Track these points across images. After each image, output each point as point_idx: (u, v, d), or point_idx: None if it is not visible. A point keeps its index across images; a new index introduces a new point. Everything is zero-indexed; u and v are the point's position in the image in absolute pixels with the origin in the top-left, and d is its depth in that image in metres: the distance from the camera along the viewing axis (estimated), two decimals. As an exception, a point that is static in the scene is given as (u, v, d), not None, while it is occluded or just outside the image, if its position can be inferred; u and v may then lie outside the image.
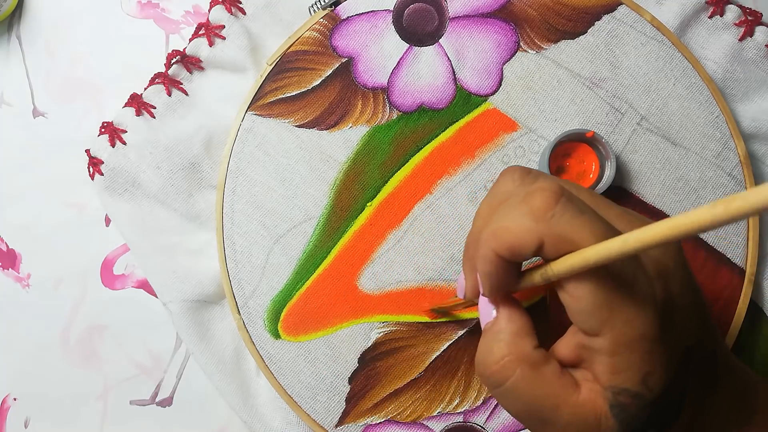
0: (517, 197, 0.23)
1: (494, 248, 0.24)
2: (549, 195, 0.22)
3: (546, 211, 0.22)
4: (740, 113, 0.38)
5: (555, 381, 0.24)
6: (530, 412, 0.24)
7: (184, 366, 0.40)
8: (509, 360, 0.24)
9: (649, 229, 0.19)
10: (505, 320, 0.25)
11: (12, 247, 0.41)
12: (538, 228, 0.22)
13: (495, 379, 0.25)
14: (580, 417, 0.24)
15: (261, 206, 0.37)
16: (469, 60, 0.38)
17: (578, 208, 0.22)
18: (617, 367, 0.23)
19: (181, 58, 0.39)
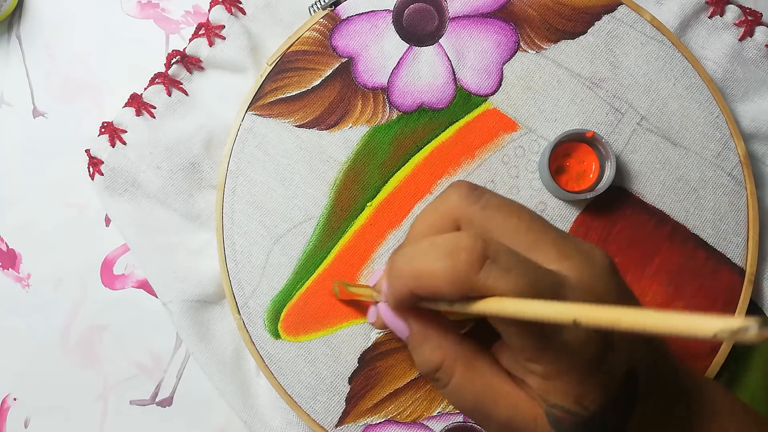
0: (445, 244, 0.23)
1: (412, 289, 0.24)
2: (473, 256, 0.22)
3: (471, 275, 0.22)
4: (740, 113, 0.38)
5: (492, 376, 0.25)
6: (475, 407, 0.25)
7: (184, 366, 0.40)
8: (447, 362, 0.25)
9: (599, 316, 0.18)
10: (420, 330, 0.26)
11: (12, 247, 0.41)
12: (464, 289, 0.22)
13: (441, 382, 0.26)
14: (518, 415, 0.24)
15: (261, 206, 0.37)
16: (469, 60, 0.38)
17: (504, 267, 0.22)
18: (550, 389, 0.24)
19: (181, 58, 0.39)
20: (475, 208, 0.25)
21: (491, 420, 0.25)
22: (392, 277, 0.25)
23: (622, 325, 0.18)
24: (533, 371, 0.24)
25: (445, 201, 0.26)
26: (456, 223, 0.26)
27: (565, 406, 0.23)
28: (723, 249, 0.37)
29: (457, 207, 0.25)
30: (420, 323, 0.26)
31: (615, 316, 0.18)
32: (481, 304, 0.22)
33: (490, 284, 0.22)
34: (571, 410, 0.23)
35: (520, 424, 0.25)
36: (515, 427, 0.25)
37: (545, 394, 0.24)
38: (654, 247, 0.37)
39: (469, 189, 0.26)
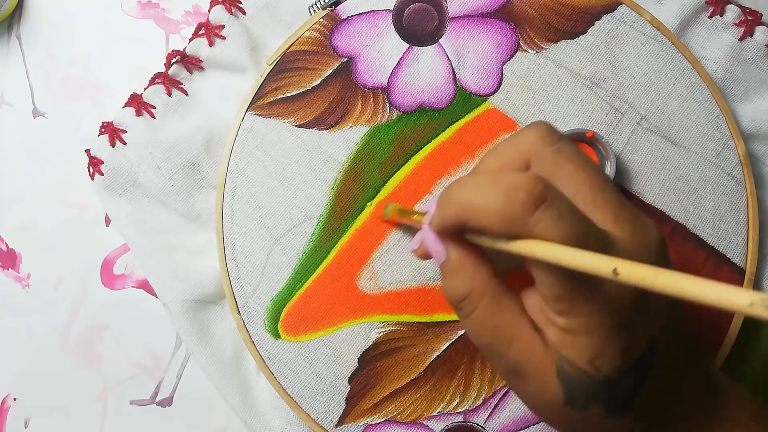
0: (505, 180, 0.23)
1: (461, 218, 0.24)
2: (528, 200, 0.22)
3: (522, 216, 0.22)
4: (740, 113, 0.38)
5: (515, 316, 0.25)
6: (489, 341, 0.25)
7: (184, 366, 0.40)
8: (474, 293, 0.25)
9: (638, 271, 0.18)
10: (457, 258, 0.26)
11: (12, 247, 0.41)
12: (512, 228, 0.22)
13: (465, 311, 0.26)
14: (531, 360, 0.24)
15: (261, 206, 0.37)
16: (469, 60, 0.38)
17: (558, 214, 0.22)
18: (569, 344, 0.23)
19: (181, 58, 0.39)
20: (549, 151, 0.25)
21: (503, 359, 0.25)
22: (445, 202, 0.25)
23: (659, 283, 0.17)
24: (556, 323, 0.24)
25: (521, 139, 0.26)
26: (527, 161, 0.25)
27: (577, 364, 0.23)
28: (723, 249, 0.37)
29: (531, 146, 0.25)
30: (459, 251, 0.26)
31: (654, 273, 0.18)
32: (526, 245, 0.22)
33: (540, 228, 0.22)
34: (583, 368, 0.23)
35: (530, 369, 0.25)
36: (524, 372, 0.25)
37: (562, 347, 0.24)
38: (654, 247, 0.37)
39: (548, 130, 0.26)
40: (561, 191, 0.23)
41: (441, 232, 0.26)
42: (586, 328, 0.23)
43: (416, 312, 0.37)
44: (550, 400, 0.25)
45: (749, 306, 0.15)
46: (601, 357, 0.23)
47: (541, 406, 0.26)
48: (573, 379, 0.24)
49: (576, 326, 0.23)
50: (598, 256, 0.20)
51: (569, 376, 0.24)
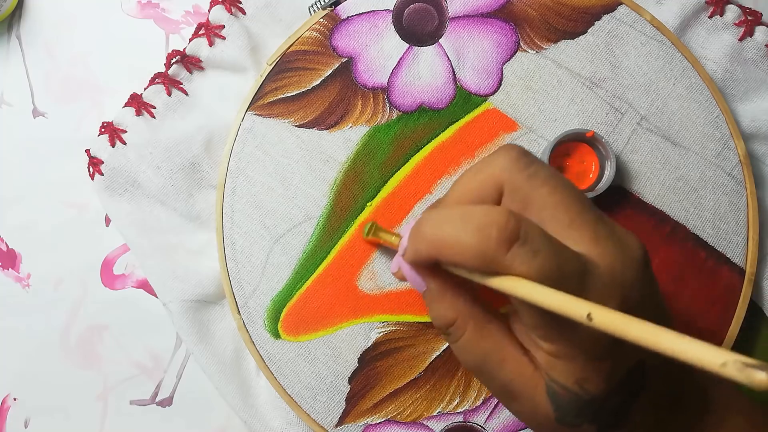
0: (478, 216, 0.23)
1: (433, 255, 0.24)
2: (502, 238, 0.22)
3: (497, 254, 0.22)
4: (740, 113, 0.38)
5: (501, 338, 0.25)
6: (479, 365, 0.26)
7: (184, 366, 0.40)
8: (459, 321, 0.26)
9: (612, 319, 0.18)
10: (437, 288, 0.26)
11: (12, 247, 0.41)
12: (486, 263, 0.22)
13: (452, 337, 0.26)
14: (520, 380, 0.25)
15: (261, 206, 0.37)
16: (469, 60, 0.38)
17: (532, 249, 0.22)
18: (555, 366, 0.24)
19: (181, 58, 0.39)
20: (522, 176, 0.24)
21: (494, 380, 0.26)
22: (416, 239, 0.25)
23: (631, 335, 0.18)
24: (541, 347, 0.24)
25: (491, 163, 0.25)
26: (499, 188, 0.25)
27: (566, 385, 0.24)
28: (723, 249, 0.37)
29: (503, 171, 0.25)
30: (437, 281, 0.26)
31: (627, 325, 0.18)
32: (501, 281, 0.22)
33: (516, 265, 0.22)
34: (571, 389, 0.23)
35: (521, 389, 0.25)
36: (515, 391, 0.25)
37: (549, 369, 0.24)
38: (654, 247, 0.37)
39: (520, 153, 0.25)
40: (534, 223, 0.23)
41: (416, 265, 0.26)
42: (569, 354, 0.23)
43: (416, 312, 0.37)
44: (543, 418, 0.25)
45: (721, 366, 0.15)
46: (587, 380, 0.23)
47: (535, 424, 0.26)
48: (562, 398, 0.24)
49: (559, 351, 0.23)
50: (573, 300, 0.20)
51: (558, 395, 0.24)
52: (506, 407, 0.27)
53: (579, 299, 0.20)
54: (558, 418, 0.24)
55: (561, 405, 0.24)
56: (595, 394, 0.23)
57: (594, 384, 0.23)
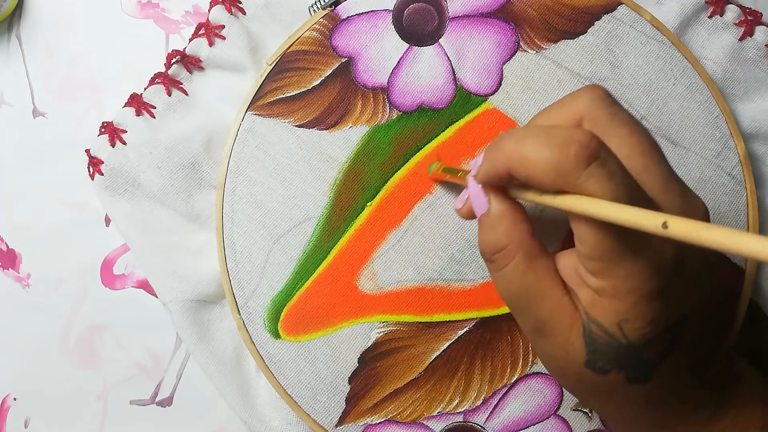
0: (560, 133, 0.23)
1: (510, 168, 0.24)
2: (582, 155, 0.22)
3: (574, 170, 0.22)
4: (740, 113, 0.38)
5: (546, 274, 0.25)
6: (519, 297, 0.25)
7: (184, 366, 0.40)
8: (510, 248, 0.25)
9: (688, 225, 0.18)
10: (498, 211, 0.26)
11: (12, 247, 0.41)
12: (561, 181, 0.22)
13: (497, 264, 0.26)
14: (558, 317, 0.24)
15: (261, 206, 0.37)
16: (469, 60, 0.38)
17: (608, 174, 0.22)
18: (599, 305, 0.23)
19: (181, 58, 0.39)
20: (605, 113, 0.25)
21: (530, 316, 0.25)
22: (494, 151, 0.25)
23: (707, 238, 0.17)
24: (589, 284, 0.24)
25: (576, 98, 0.26)
26: (580, 122, 0.25)
27: (604, 325, 0.23)
28: (723, 249, 0.37)
29: (586, 107, 0.25)
30: (501, 204, 0.26)
31: (702, 227, 0.17)
32: (572, 200, 0.22)
33: (589, 184, 0.22)
34: (609, 331, 0.23)
35: (556, 327, 0.25)
36: (549, 329, 0.25)
37: (591, 308, 0.24)
38: (654, 247, 0.37)
39: (604, 93, 0.25)
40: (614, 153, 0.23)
41: (486, 182, 0.26)
42: (619, 291, 0.23)
43: (416, 312, 0.37)
44: (571, 361, 0.25)
45: None
46: (629, 322, 0.23)
47: (560, 367, 0.26)
48: (598, 340, 0.24)
49: (609, 288, 0.23)
50: (648, 211, 0.19)
51: (594, 337, 0.24)
52: (535, 347, 0.26)
53: (653, 211, 0.19)
54: (588, 362, 0.24)
55: (595, 348, 0.24)
56: (633, 340, 0.23)
57: (634, 328, 0.23)
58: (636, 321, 0.23)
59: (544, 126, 0.24)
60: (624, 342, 0.23)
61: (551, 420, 0.37)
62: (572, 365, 0.25)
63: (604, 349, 0.24)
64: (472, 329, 0.37)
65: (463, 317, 0.37)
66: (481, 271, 0.37)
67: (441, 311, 0.37)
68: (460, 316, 0.37)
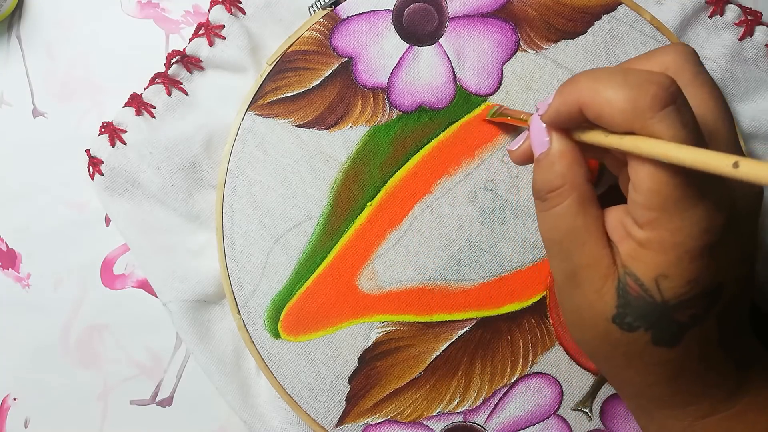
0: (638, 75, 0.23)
1: (582, 104, 0.23)
2: (660, 96, 0.22)
3: (649, 110, 0.22)
4: (740, 113, 0.38)
5: (594, 222, 0.25)
6: (562, 239, 0.25)
7: (184, 366, 0.40)
8: (565, 188, 0.25)
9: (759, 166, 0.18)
10: (559, 149, 0.26)
11: (12, 247, 0.41)
12: (634, 120, 0.22)
13: (549, 203, 0.26)
14: (595, 266, 0.24)
15: (261, 206, 0.37)
16: (469, 60, 0.38)
17: (682, 121, 0.22)
18: (640, 256, 0.23)
19: (181, 58, 0.39)
20: (691, 71, 0.25)
21: (566, 261, 0.25)
22: (568, 88, 0.24)
23: None
24: (634, 236, 0.23)
25: (665, 51, 0.26)
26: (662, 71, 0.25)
27: (641, 279, 0.23)
28: (723, 249, 0.37)
29: (673, 60, 0.25)
30: (563, 143, 0.26)
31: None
32: (641, 141, 0.22)
33: (661, 127, 0.22)
34: (645, 285, 0.23)
35: (590, 275, 0.24)
36: (583, 277, 0.25)
37: (631, 261, 0.23)
38: (654, 247, 0.37)
39: (694, 53, 0.26)
40: None
41: (553, 120, 0.25)
42: (665, 244, 0.22)
43: (416, 312, 0.37)
44: (598, 314, 0.24)
45: None
46: (667, 278, 0.23)
47: (585, 320, 0.25)
48: (631, 294, 0.23)
49: (655, 240, 0.23)
50: (718, 153, 0.19)
51: (628, 290, 0.23)
52: (561, 296, 0.26)
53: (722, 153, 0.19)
54: (617, 315, 0.24)
55: (627, 301, 0.23)
56: (667, 298, 0.23)
57: (672, 286, 0.23)
58: (675, 278, 0.23)
59: (622, 67, 0.24)
60: (658, 299, 0.23)
61: (551, 420, 0.37)
62: (598, 319, 0.24)
63: (636, 303, 0.23)
64: (472, 329, 0.37)
65: (463, 317, 0.37)
66: (481, 271, 0.37)
67: (441, 311, 0.37)
68: (460, 316, 0.37)
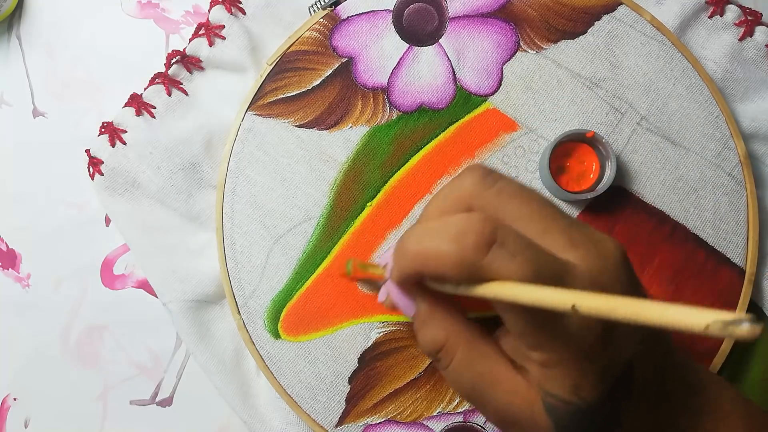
0: (454, 225, 0.23)
1: (417, 268, 0.24)
2: (481, 239, 0.22)
3: (476, 256, 0.22)
4: (740, 113, 0.38)
5: (492, 360, 0.25)
6: (473, 390, 0.25)
7: (184, 366, 0.40)
8: (450, 342, 0.25)
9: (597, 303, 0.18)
10: (426, 309, 0.26)
11: (12, 247, 0.41)
12: (467, 270, 0.22)
13: (443, 363, 0.26)
14: (516, 401, 0.24)
15: (261, 206, 0.37)
16: (469, 60, 0.38)
17: (510, 251, 0.22)
18: (549, 377, 0.24)
19: (181, 58, 0.39)
20: (490, 194, 0.25)
21: (488, 404, 0.25)
22: (399, 255, 0.25)
23: (618, 313, 0.18)
24: (533, 359, 0.24)
25: (458, 185, 0.26)
26: (469, 208, 0.25)
27: (561, 395, 0.23)
28: (723, 249, 0.37)
29: (470, 192, 0.25)
30: (427, 302, 0.26)
31: (612, 305, 0.18)
32: (485, 288, 0.22)
33: (495, 268, 0.22)
34: (567, 399, 0.23)
35: (517, 410, 0.25)
36: (512, 413, 0.25)
37: (543, 382, 0.24)
38: (654, 247, 0.37)
39: (484, 173, 0.25)
40: (510, 227, 0.23)
41: (402, 283, 0.26)
42: (561, 360, 0.23)
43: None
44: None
45: (706, 328, 0.15)
46: (582, 385, 0.23)
47: None
48: (560, 410, 0.24)
49: (550, 359, 0.23)
50: (557, 291, 0.20)
51: (556, 408, 0.24)
52: None
53: (563, 290, 0.20)
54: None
55: (560, 418, 0.24)
56: (590, 400, 0.23)
57: (588, 389, 0.23)
58: (588, 382, 0.23)
59: (438, 221, 0.24)
60: (584, 405, 0.23)
61: (551, 420, 0.37)
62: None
63: (568, 417, 0.24)
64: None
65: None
66: (481, 271, 0.37)
67: (441, 311, 0.37)
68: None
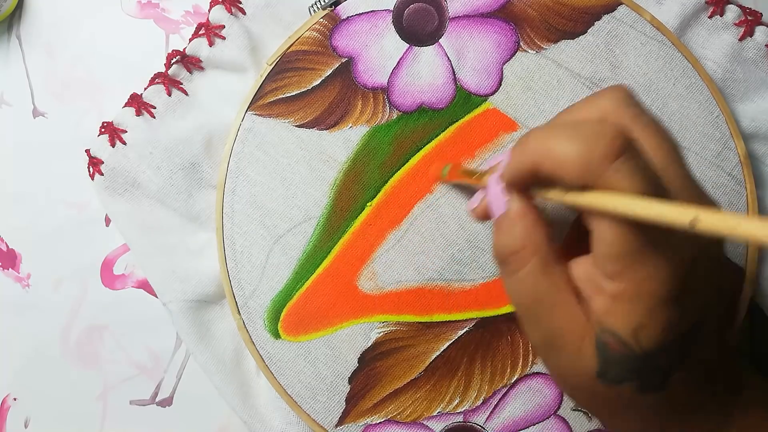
0: (588, 128, 0.22)
1: (536, 163, 0.23)
2: (611, 147, 0.21)
3: (601, 163, 0.22)
4: (740, 113, 0.38)
5: (561, 282, 0.24)
6: (530, 303, 0.25)
7: (184, 366, 0.40)
8: (527, 250, 0.24)
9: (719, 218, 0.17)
10: (518, 211, 0.25)
11: (12, 247, 0.41)
12: (588, 175, 0.22)
13: (510, 268, 0.25)
14: (569, 328, 0.24)
15: (261, 206, 0.37)
16: (469, 60, 0.38)
17: (636, 167, 0.22)
18: (614, 311, 0.23)
19: (181, 58, 0.39)
20: (629, 113, 0.24)
21: (539, 325, 0.25)
22: (520, 149, 0.24)
23: (739, 231, 0.17)
24: (605, 289, 0.23)
25: (600, 97, 0.25)
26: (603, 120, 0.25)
27: (619, 334, 0.23)
28: (723, 249, 0.37)
29: (608, 107, 0.25)
30: (521, 204, 0.25)
31: (734, 223, 0.17)
32: (598, 197, 0.22)
33: (615, 179, 0.21)
34: (624, 339, 0.23)
35: (567, 338, 0.24)
36: (560, 340, 0.24)
37: (606, 317, 0.23)
38: (654, 247, 0.37)
39: (628, 94, 0.25)
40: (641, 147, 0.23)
41: (511, 181, 0.25)
42: (636, 294, 0.22)
43: (416, 312, 0.37)
44: (582, 373, 0.24)
45: None
46: (645, 328, 0.22)
47: (570, 379, 0.25)
48: (611, 350, 0.23)
49: (626, 291, 0.22)
50: (677, 205, 0.19)
51: (607, 347, 0.23)
52: (543, 359, 0.26)
53: (683, 205, 0.19)
54: (600, 373, 0.23)
55: (608, 358, 0.23)
56: (648, 348, 0.23)
57: (650, 335, 0.22)
58: (652, 327, 0.22)
59: (571, 121, 0.24)
60: (639, 351, 0.23)
61: (551, 420, 0.37)
62: (583, 377, 0.24)
63: (617, 359, 0.23)
64: (472, 329, 0.37)
65: (463, 317, 0.37)
66: (480, 272, 0.37)
67: (441, 311, 0.37)
68: (460, 317, 0.37)
